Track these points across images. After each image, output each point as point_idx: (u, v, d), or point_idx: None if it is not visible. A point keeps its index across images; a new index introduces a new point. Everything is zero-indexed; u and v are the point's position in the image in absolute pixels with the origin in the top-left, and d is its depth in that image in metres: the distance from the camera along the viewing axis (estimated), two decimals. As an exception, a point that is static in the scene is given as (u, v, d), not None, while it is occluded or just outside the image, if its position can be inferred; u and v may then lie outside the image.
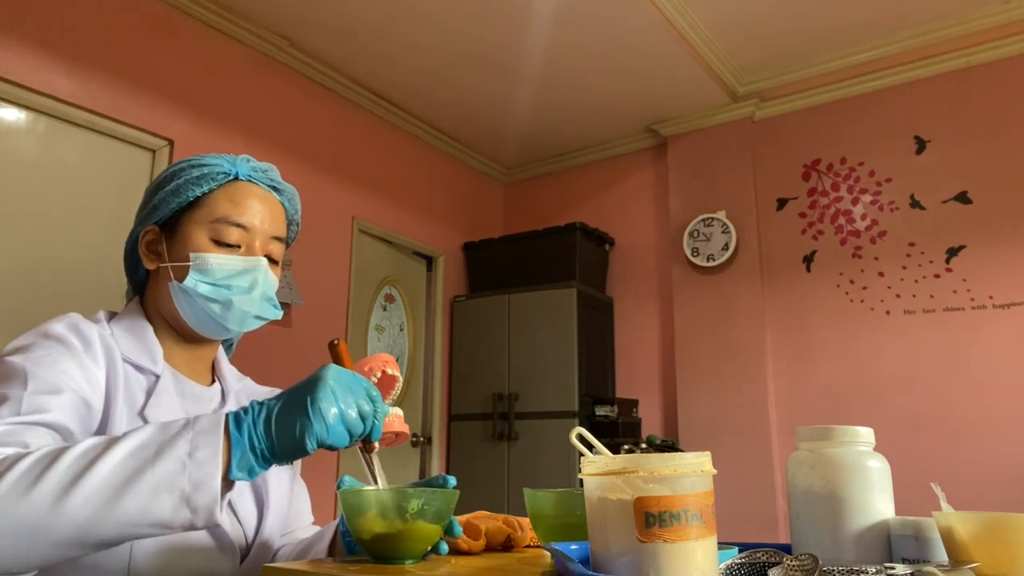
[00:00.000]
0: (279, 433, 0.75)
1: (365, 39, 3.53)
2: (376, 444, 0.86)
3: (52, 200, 2.70)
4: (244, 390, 1.12)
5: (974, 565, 0.67)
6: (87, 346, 0.90)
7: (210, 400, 1.05)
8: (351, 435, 0.79)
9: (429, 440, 4.23)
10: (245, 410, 0.77)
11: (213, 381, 1.10)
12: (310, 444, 0.75)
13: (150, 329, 1.00)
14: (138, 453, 0.71)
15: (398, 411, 0.97)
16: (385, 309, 4.16)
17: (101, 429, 0.88)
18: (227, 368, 1.13)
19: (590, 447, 0.79)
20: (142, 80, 2.99)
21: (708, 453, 0.65)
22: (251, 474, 0.75)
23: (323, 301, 3.64)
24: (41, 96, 2.67)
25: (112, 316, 1.02)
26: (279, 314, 1.05)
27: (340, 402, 0.77)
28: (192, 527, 0.72)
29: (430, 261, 4.51)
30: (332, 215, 3.77)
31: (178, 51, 3.15)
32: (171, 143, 3.07)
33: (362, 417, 0.79)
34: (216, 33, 3.32)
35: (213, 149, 3.19)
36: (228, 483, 0.75)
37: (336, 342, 0.91)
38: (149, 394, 0.95)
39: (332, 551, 0.99)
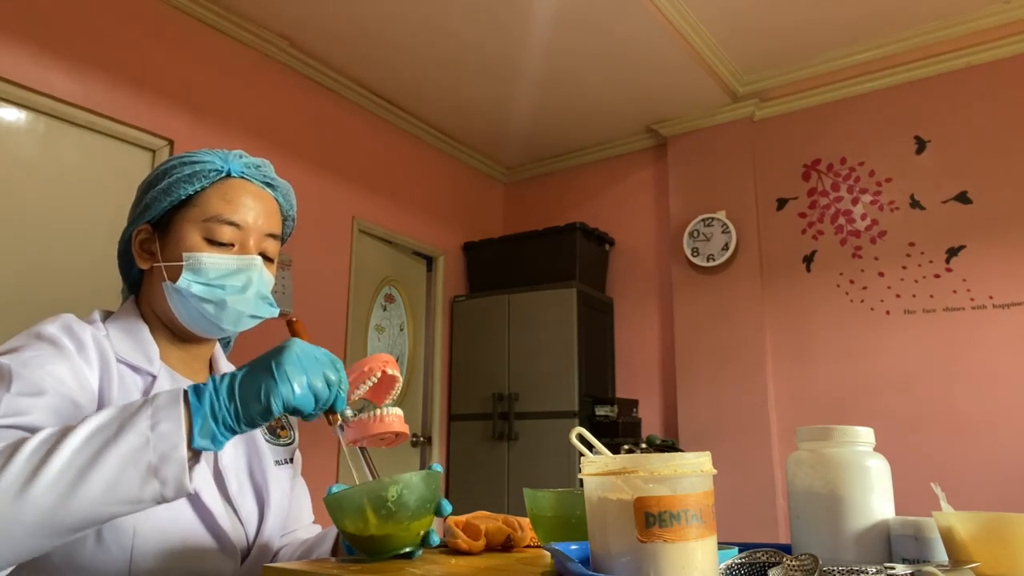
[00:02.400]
0: (243, 397, 0.76)
1: (365, 40, 3.53)
2: (339, 415, 0.87)
3: (52, 200, 2.70)
4: None
5: (974, 565, 0.67)
6: (80, 347, 0.90)
7: None
8: (316, 400, 0.80)
9: (429, 440, 4.23)
10: (208, 381, 0.77)
11: None
12: (275, 405, 0.76)
13: (146, 329, 1.00)
14: (99, 433, 0.71)
15: (398, 411, 0.97)
16: (385, 309, 4.16)
17: None
18: (225, 366, 1.12)
19: (590, 447, 0.79)
20: (142, 80, 2.99)
21: (708, 453, 0.65)
22: (215, 442, 0.75)
23: (323, 301, 3.64)
24: (41, 96, 2.67)
25: (108, 315, 1.01)
26: (275, 312, 1.04)
27: (306, 368, 0.79)
28: (163, 499, 0.72)
29: (430, 261, 4.51)
30: (332, 215, 3.77)
31: (178, 51, 3.15)
32: (171, 143, 3.07)
33: (328, 384, 0.81)
34: (216, 33, 3.32)
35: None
36: (195, 455, 0.75)
37: (293, 319, 0.92)
38: (145, 395, 0.94)
39: (335, 553, 0.99)
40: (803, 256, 3.85)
